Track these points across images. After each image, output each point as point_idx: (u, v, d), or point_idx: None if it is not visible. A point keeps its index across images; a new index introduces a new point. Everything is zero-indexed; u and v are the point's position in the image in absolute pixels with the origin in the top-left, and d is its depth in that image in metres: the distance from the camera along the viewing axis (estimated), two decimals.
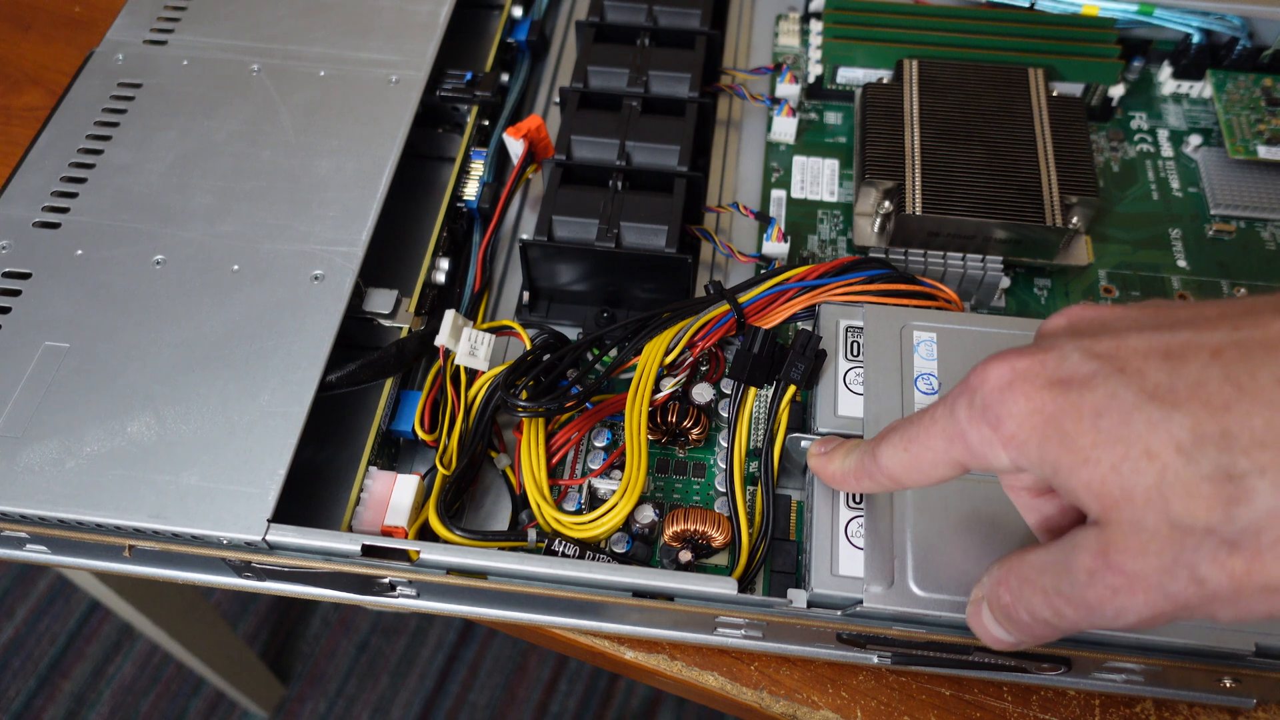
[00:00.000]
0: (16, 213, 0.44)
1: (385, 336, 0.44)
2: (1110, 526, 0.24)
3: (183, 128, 0.47)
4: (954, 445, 0.27)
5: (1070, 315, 0.27)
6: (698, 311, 0.43)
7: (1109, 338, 0.25)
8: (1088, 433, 0.24)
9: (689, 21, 0.52)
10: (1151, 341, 0.24)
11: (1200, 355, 0.23)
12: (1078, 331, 0.26)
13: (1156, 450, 0.22)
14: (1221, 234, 0.51)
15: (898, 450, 0.29)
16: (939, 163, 0.47)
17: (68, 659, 1.14)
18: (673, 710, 1.13)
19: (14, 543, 0.39)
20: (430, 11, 0.52)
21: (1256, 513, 0.21)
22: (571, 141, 0.47)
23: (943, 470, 0.28)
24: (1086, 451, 0.24)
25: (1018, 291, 0.48)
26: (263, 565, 0.37)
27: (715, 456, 0.43)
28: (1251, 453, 0.22)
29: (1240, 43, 0.54)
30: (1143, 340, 0.24)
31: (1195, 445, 0.22)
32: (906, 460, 0.29)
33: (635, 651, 0.40)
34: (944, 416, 0.27)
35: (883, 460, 0.30)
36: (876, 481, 0.31)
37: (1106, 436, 0.23)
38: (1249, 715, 0.38)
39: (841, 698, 0.39)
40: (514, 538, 0.39)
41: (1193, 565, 0.22)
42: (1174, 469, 0.22)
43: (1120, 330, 0.25)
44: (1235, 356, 0.23)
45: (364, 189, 0.45)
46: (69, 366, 0.39)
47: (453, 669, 1.15)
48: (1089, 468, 0.23)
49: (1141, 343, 0.24)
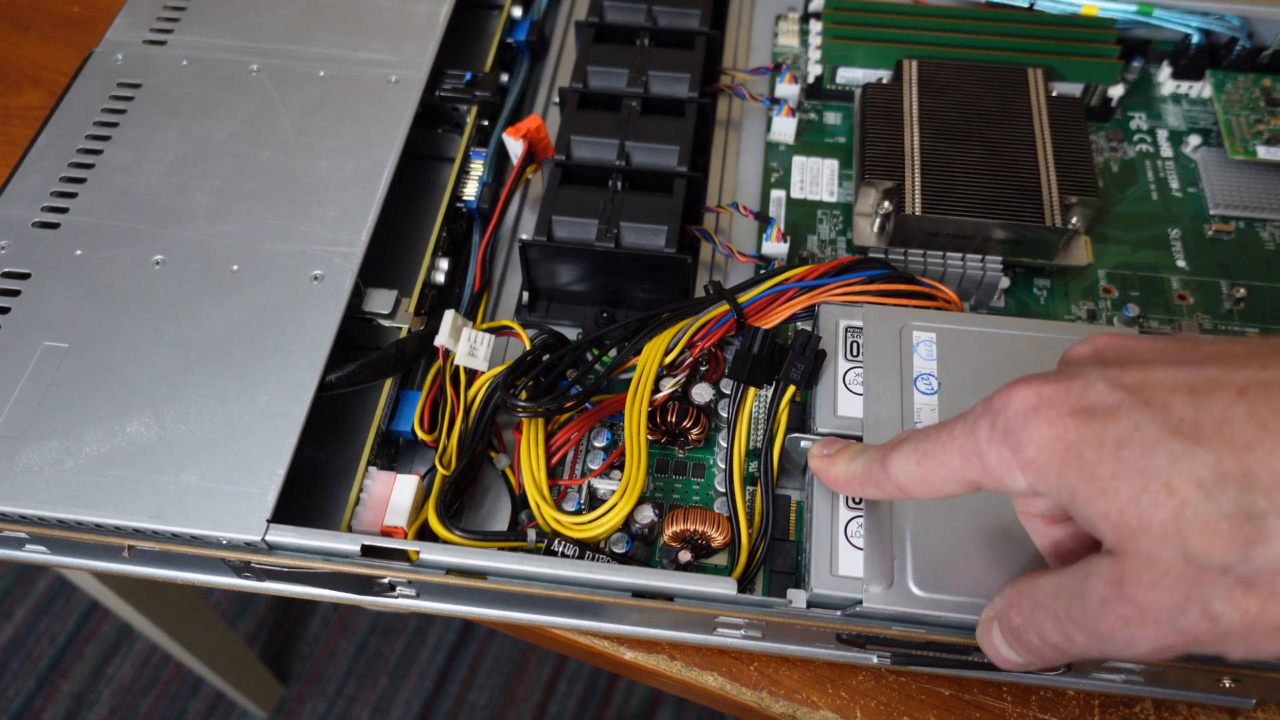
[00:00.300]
0: (16, 213, 0.44)
1: (385, 337, 0.44)
2: (1125, 557, 0.24)
3: (182, 128, 0.47)
4: (970, 465, 0.27)
5: (1096, 344, 0.27)
6: (697, 311, 0.43)
7: (1135, 369, 0.25)
8: (1108, 462, 0.24)
9: (688, 22, 0.52)
10: (1178, 376, 0.24)
11: (1226, 392, 0.23)
12: (1104, 361, 0.26)
13: (1177, 485, 0.23)
14: (1221, 234, 0.51)
15: (910, 462, 0.29)
16: (938, 163, 0.47)
17: (67, 659, 1.14)
18: (672, 710, 1.13)
19: (13, 543, 0.39)
20: (430, 11, 0.52)
21: (1273, 553, 0.21)
22: (571, 141, 0.47)
23: (954, 487, 0.28)
24: (1106, 481, 0.24)
25: (1017, 291, 0.48)
26: (262, 565, 0.37)
27: (715, 456, 0.43)
28: (1272, 493, 0.22)
29: (1239, 43, 0.54)
30: (1169, 374, 0.24)
31: (1216, 482, 0.22)
32: (919, 473, 0.29)
33: (635, 652, 0.40)
34: (963, 434, 0.27)
35: (893, 470, 0.30)
36: (883, 490, 0.31)
37: (1127, 467, 0.23)
38: (1248, 715, 0.38)
39: (841, 698, 0.39)
40: (513, 538, 0.39)
41: (1206, 601, 0.22)
42: (1193, 505, 0.22)
43: (1147, 362, 0.25)
44: (1261, 395, 0.23)
45: (363, 189, 0.45)
46: (68, 367, 0.39)
47: (452, 669, 1.15)
48: (1107, 498, 0.24)
49: (1168, 376, 0.24)
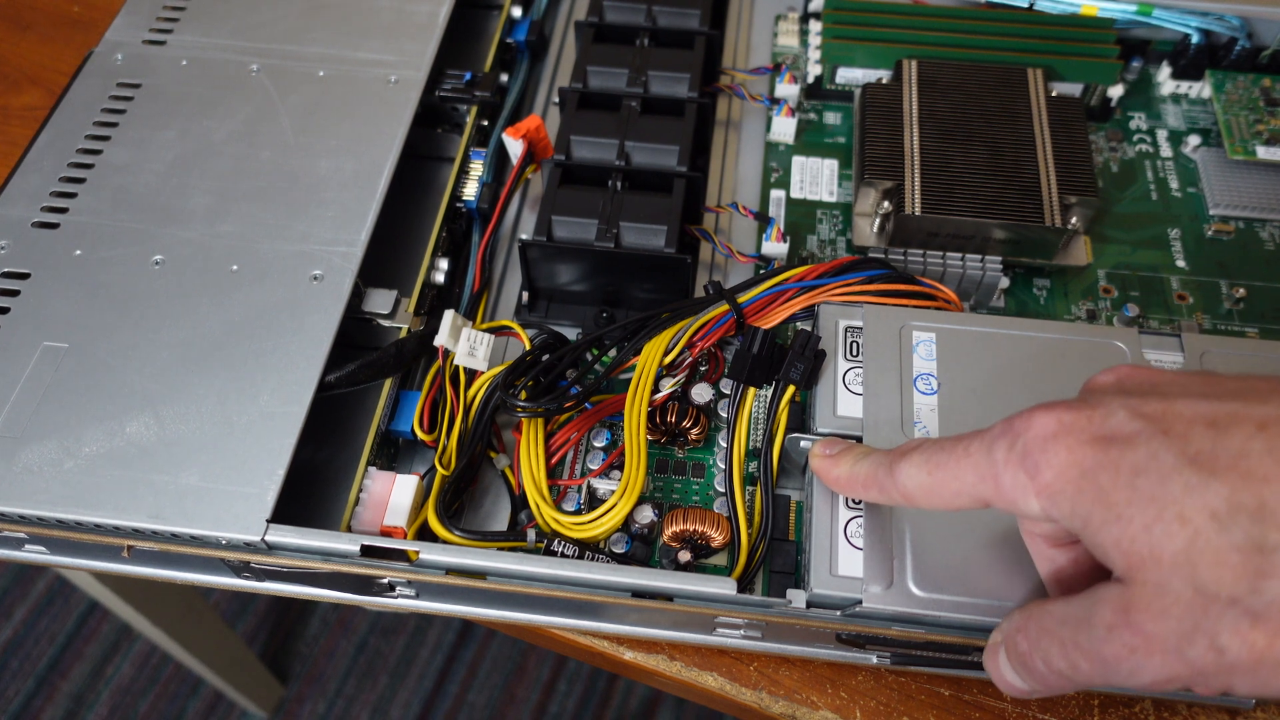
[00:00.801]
0: (15, 213, 0.44)
1: (384, 336, 0.44)
2: (1134, 586, 0.24)
3: (182, 128, 0.47)
4: (984, 483, 0.27)
5: (1120, 374, 0.27)
6: (697, 311, 0.43)
7: (1157, 400, 0.25)
8: (1123, 490, 0.24)
9: (688, 21, 0.52)
10: (1199, 408, 0.24)
11: (1245, 426, 0.23)
12: (1126, 390, 0.26)
13: (1189, 515, 0.23)
14: (1220, 234, 0.51)
15: (920, 472, 0.29)
16: (938, 163, 0.47)
17: (66, 659, 1.14)
18: (672, 710, 1.13)
19: (13, 543, 0.39)
20: (429, 12, 0.52)
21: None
22: (571, 141, 0.47)
23: (962, 502, 0.28)
24: (1120, 508, 0.24)
25: (1017, 291, 0.48)
26: (261, 565, 0.37)
27: (714, 456, 0.43)
28: None
29: (1239, 43, 0.54)
30: (1190, 406, 0.24)
31: (1229, 514, 0.22)
32: (928, 484, 0.29)
33: (634, 652, 0.40)
34: (980, 452, 0.27)
35: (901, 476, 0.30)
36: (886, 495, 0.31)
37: (1141, 496, 0.23)
38: (1248, 716, 0.38)
39: (841, 698, 0.39)
40: (513, 538, 0.39)
41: (1214, 633, 0.22)
42: (1205, 535, 0.22)
43: (1169, 394, 0.25)
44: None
45: (363, 189, 0.45)
46: (68, 367, 0.39)
47: (452, 669, 1.15)
48: (1120, 525, 0.24)
49: (1189, 408, 0.24)
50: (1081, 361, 0.38)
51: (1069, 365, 0.38)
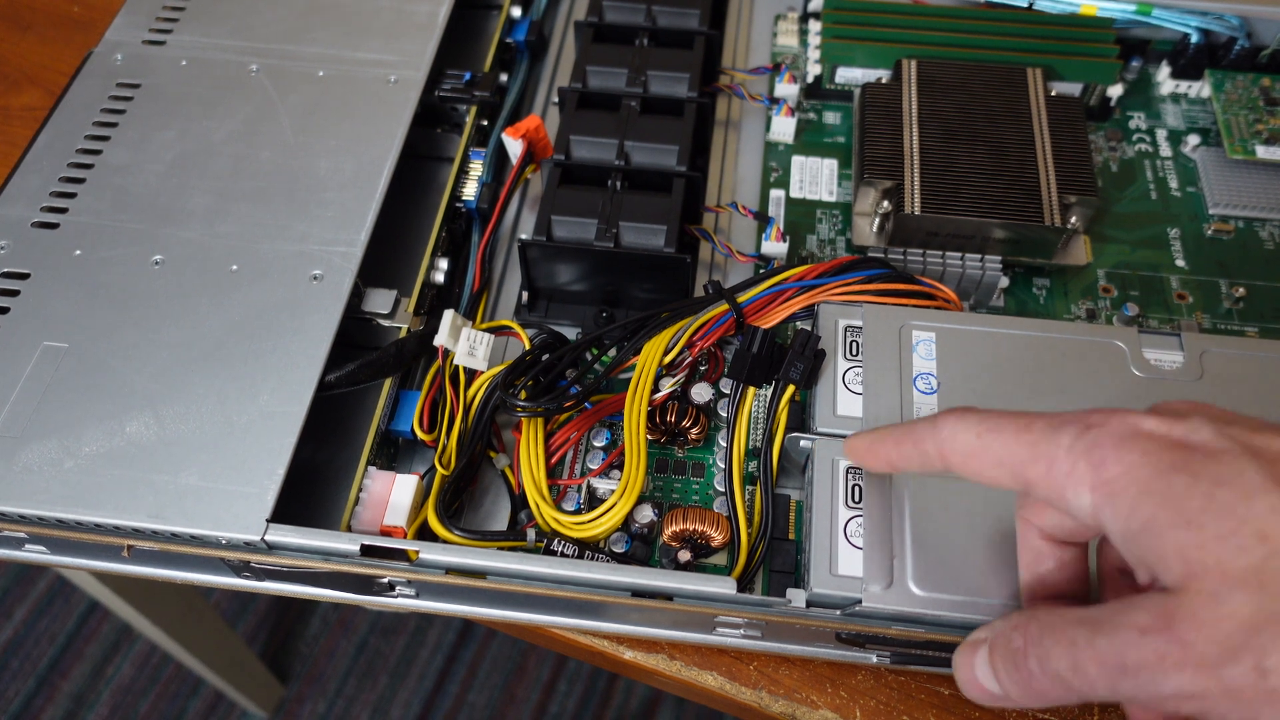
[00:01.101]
0: (15, 213, 0.44)
1: (384, 336, 0.44)
2: (1186, 594, 0.23)
3: (181, 128, 0.47)
4: (1036, 461, 0.26)
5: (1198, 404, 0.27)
6: (696, 311, 0.43)
7: (1241, 427, 0.25)
8: (1199, 498, 0.23)
9: (688, 21, 0.52)
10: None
11: None
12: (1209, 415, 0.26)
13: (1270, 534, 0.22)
14: (1220, 234, 0.51)
15: (968, 432, 0.28)
16: (938, 162, 0.47)
17: (67, 659, 1.14)
18: (672, 710, 1.13)
19: (13, 543, 0.39)
20: (429, 12, 0.52)
21: None
22: (570, 141, 0.47)
23: (999, 475, 0.27)
24: (1193, 514, 0.23)
25: (1016, 291, 0.48)
26: (262, 565, 0.37)
27: (714, 456, 0.43)
28: None
29: (1238, 42, 0.54)
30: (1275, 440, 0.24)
31: None
32: (974, 446, 0.28)
33: (634, 651, 0.40)
34: (1042, 430, 0.26)
35: (945, 431, 0.28)
36: (920, 447, 0.29)
37: (1220, 506, 0.23)
38: None
39: (840, 697, 0.39)
40: (513, 538, 0.39)
41: (1262, 653, 0.22)
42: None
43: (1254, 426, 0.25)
44: None
45: (363, 189, 0.45)
46: (67, 366, 0.39)
47: (452, 669, 1.15)
48: (1189, 531, 0.23)
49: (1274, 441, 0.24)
50: (1081, 361, 0.38)
51: (1069, 364, 0.38)
